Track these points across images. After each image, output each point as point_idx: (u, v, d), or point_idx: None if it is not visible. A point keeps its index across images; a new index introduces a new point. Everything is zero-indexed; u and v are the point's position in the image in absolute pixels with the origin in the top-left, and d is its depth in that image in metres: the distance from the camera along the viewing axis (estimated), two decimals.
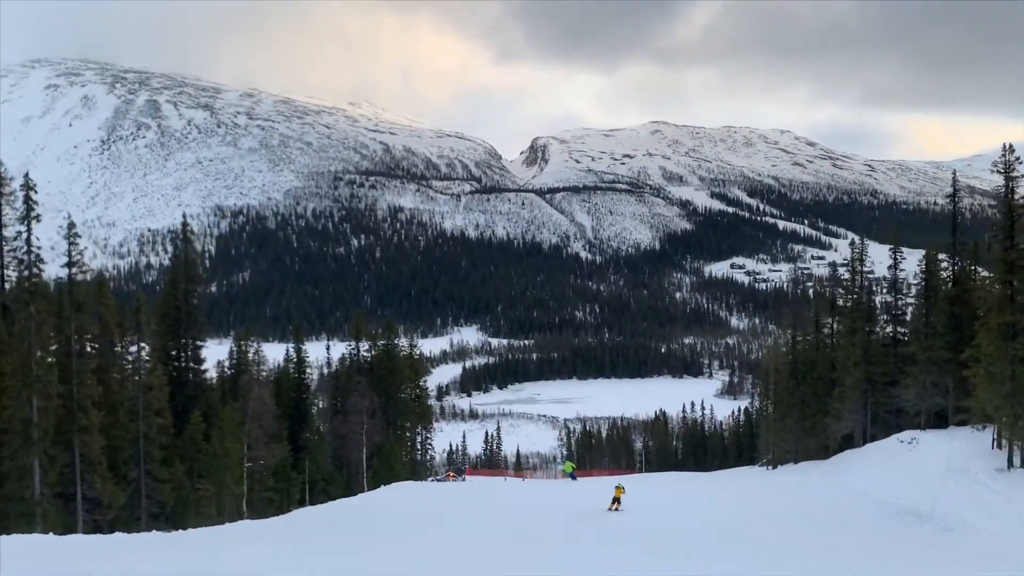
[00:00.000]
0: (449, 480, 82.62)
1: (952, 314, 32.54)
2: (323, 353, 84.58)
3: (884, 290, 48.53)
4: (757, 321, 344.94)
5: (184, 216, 55.35)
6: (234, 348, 54.35)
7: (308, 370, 62.25)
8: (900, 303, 40.41)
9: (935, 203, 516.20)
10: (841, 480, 29.89)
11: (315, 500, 49.30)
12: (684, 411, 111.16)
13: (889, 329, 41.48)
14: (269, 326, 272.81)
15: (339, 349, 71.94)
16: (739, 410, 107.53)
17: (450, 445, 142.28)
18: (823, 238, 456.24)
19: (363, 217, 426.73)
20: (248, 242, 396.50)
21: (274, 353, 79.21)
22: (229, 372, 52.98)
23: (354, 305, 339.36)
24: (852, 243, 47.14)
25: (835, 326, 46.97)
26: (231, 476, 41.62)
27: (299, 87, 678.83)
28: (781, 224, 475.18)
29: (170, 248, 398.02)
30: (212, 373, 51.65)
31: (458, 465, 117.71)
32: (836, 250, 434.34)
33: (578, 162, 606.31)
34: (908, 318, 40.87)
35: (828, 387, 44.46)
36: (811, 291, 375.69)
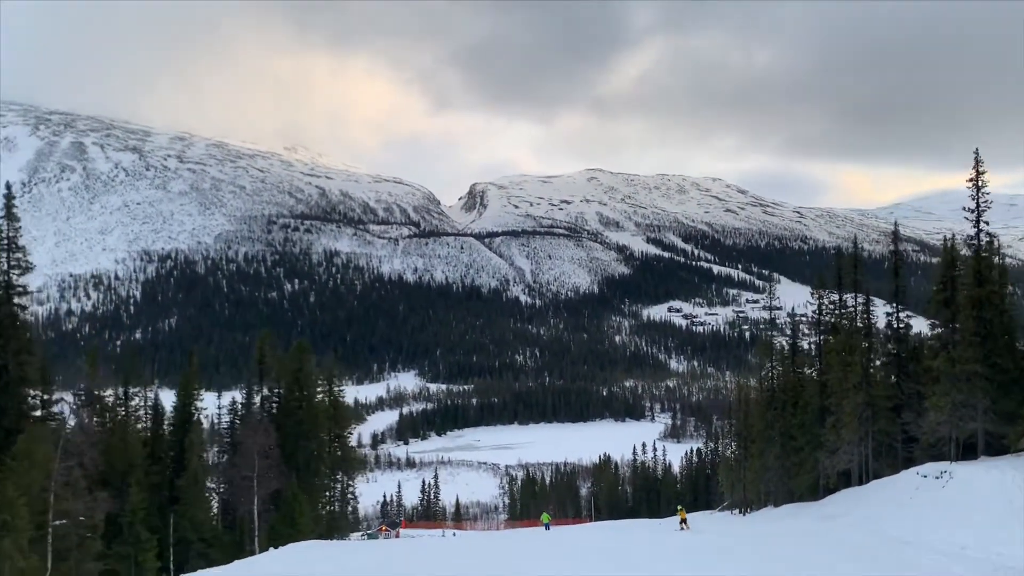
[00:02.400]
0: (382, 535, 75.82)
1: (979, 319, 28.21)
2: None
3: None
4: (696, 364, 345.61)
5: (8, 185, 42.09)
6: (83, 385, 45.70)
7: (203, 414, 53.66)
8: (903, 314, 36.35)
9: (862, 248, 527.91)
10: (861, 524, 25.09)
11: (190, 567, 38.30)
12: (634, 454, 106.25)
13: (891, 346, 37.19)
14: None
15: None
16: (691, 451, 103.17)
17: (384, 496, 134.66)
18: (757, 282, 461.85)
19: (297, 261, 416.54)
20: (176, 287, 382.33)
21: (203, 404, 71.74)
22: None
23: (284, 351, 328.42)
24: (839, 251, 43.14)
25: (822, 344, 42.56)
26: (12, 541, 28.19)
27: (231, 130, 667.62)
28: (716, 268, 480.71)
29: (93, 294, 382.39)
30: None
31: (392, 518, 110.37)
32: (770, 294, 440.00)
33: (516, 207, 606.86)
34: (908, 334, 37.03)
35: (818, 416, 40.04)
36: (748, 334, 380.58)
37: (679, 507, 50.51)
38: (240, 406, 55.13)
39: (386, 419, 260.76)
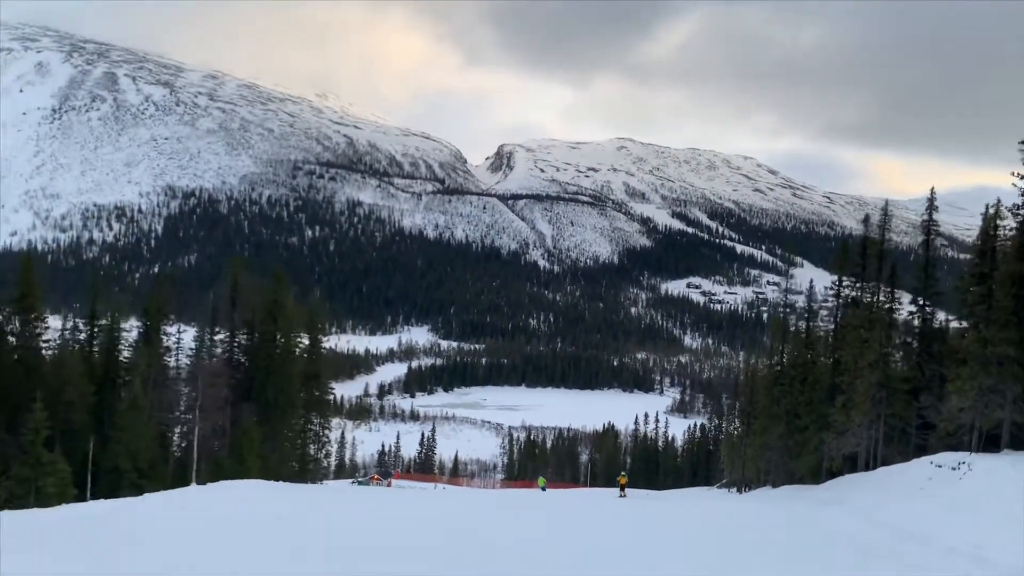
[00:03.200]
0: (373, 484, 74.62)
1: (1018, 297, 25.47)
2: None
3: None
4: (711, 341, 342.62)
5: None
6: None
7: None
8: (931, 288, 33.61)
9: (890, 238, 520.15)
10: (864, 513, 22.90)
11: (119, 493, 34.48)
12: (637, 424, 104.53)
13: (917, 321, 34.50)
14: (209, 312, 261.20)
15: None
16: (694, 426, 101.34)
17: (382, 446, 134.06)
18: (779, 264, 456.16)
19: (320, 208, 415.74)
20: (198, 225, 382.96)
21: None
22: None
23: (302, 297, 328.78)
24: (866, 221, 40.12)
25: (838, 319, 40.04)
26: None
27: (263, 72, 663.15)
28: (739, 248, 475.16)
29: (116, 225, 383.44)
30: None
31: (387, 468, 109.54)
32: (793, 277, 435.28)
33: (543, 171, 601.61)
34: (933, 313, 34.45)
35: (827, 395, 37.70)
36: (766, 315, 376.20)
37: (621, 473, 51.31)
38: (208, 337, 52.10)
39: (395, 371, 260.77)
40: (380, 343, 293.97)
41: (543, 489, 57.76)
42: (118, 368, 44.61)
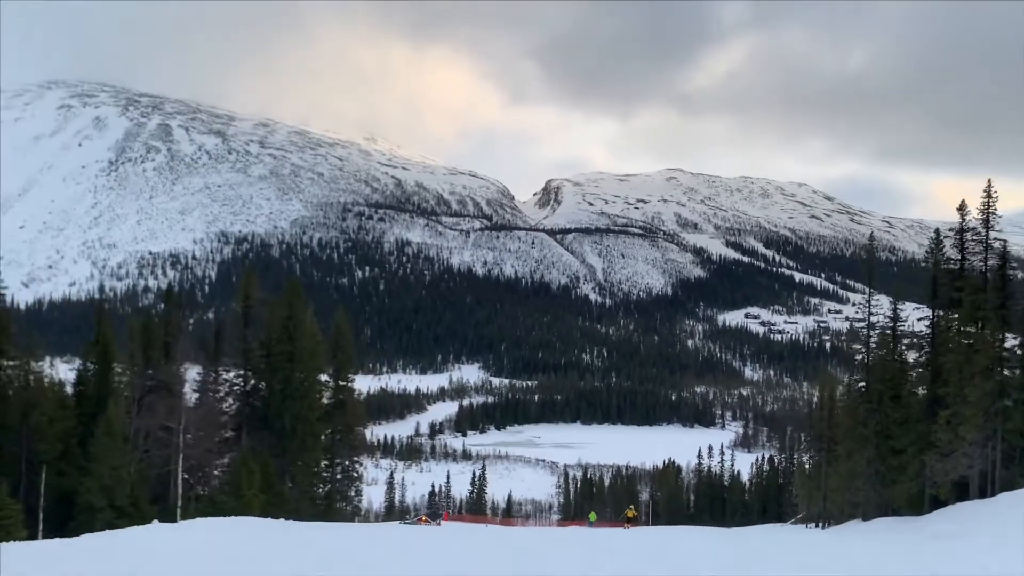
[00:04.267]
0: (421, 525, 69.52)
1: None
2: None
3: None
4: (772, 373, 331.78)
5: None
6: None
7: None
8: None
9: (954, 261, 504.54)
10: (995, 552, 17.37)
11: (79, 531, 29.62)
12: (700, 458, 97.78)
13: None
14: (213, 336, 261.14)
15: None
16: (761, 459, 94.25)
17: (432, 486, 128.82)
18: (840, 292, 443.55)
19: (369, 249, 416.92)
20: (250, 269, 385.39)
21: None
22: None
23: (353, 336, 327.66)
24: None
25: (935, 321, 34.00)
26: None
27: (312, 118, 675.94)
28: (797, 276, 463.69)
29: (170, 272, 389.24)
30: None
31: (436, 508, 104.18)
32: (854, 304, 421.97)
33: (591, 204, 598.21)
34: None
35: (926, 410, 31.73)
36: (828, 344, 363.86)
37: (629, 506, 53.55)
38: (211, 371, 46.59)
39: (446, 410, 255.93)
40: (431, 382, 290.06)
41: (591, 524, 54.78)
42: (106, 393, 39.06)
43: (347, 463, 52.56)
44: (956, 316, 31.12)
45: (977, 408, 27.02)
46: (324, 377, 51.06)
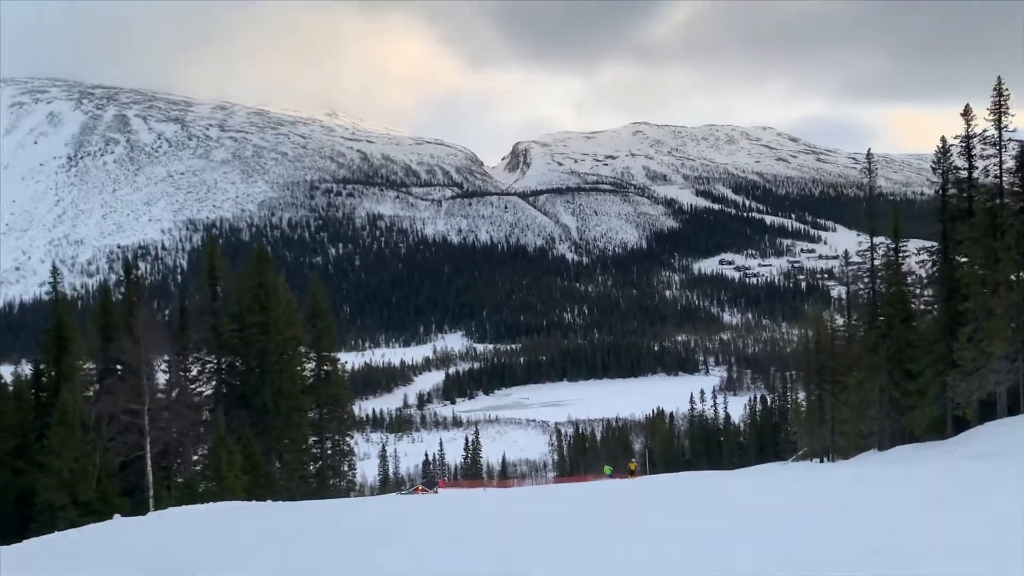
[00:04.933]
0: (418, 494, 69.73)
1: None
2: None
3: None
4: (750, 316, 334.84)
5: None
6: None
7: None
8: None
9: (921, 193, 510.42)
10: None
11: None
12: (691, 403, 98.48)
13: None
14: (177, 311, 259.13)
15: None
16: (754, 400, 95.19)
17: (426, 455, 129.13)
18: (812, 231, 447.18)
19: (341, 226, 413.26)
20: (221, 255, 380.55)
21: None
22: None
23: (332, 315, 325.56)
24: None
25: (945, 232, 32.87)
26: None
27: (271, 98, 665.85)
28: (768, 219, 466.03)
29: (140, 264, 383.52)
30: None
31: (431, 477, 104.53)
32: (826, 243, 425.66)
33: (560, 164, 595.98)
34: None
35: (944, 330, 31.50)
36: (804, 284, 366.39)
37: (632, 459, 54.56)
38: (179, 357, 42.74)
39: (432, 379, 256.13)
40: (415, 353, 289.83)
41: (609, 476, 55.21)
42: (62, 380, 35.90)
43: (337, 437, 50.97)
44: (970, 226, 29.83)
45: (1003, 321, 26.45)
46: (304, 349, 48.60)
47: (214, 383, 43.57)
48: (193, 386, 41.63)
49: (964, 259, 30.49)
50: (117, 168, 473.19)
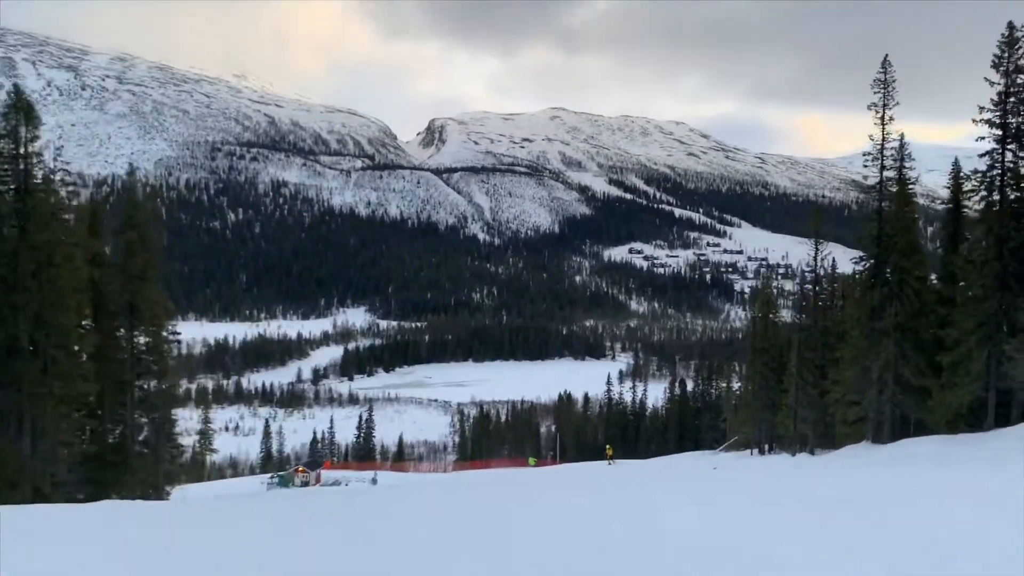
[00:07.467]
0: (298, 478, 61.04)
1: None
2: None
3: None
4: (656, 305, 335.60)
5: None
6: None
7: None
8: None
9: (823, 196, 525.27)
10: None
11: None
12: (608, 388, 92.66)
13: None
14: None
15: (209, 329, 42.90)
16: (673, 385, 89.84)
17: (314, 433, 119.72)
18: (718, 226, 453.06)
19: (242, 190, 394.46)
20: (112, 214, 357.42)
21: None
22: None
23: (227, 283, 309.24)
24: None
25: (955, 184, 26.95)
26: None
27: (175, 54, 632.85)
28: (677, 212, 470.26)
29: None
30: None
31: (316, 458, 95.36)
32: (731, 238, 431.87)
33: (476, 144, 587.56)
34: None
35: (997, 284, 24.18)
36: (709, 276, 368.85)
37: (607, 445, 57.52)
38: None
39: (330, 354, 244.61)
40: (314, 327, 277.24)
41: (533, 466, 54.64)
42: None
43: (152, 393, 35.06)
44: None
45: None
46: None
47: None
48: None
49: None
50: None
